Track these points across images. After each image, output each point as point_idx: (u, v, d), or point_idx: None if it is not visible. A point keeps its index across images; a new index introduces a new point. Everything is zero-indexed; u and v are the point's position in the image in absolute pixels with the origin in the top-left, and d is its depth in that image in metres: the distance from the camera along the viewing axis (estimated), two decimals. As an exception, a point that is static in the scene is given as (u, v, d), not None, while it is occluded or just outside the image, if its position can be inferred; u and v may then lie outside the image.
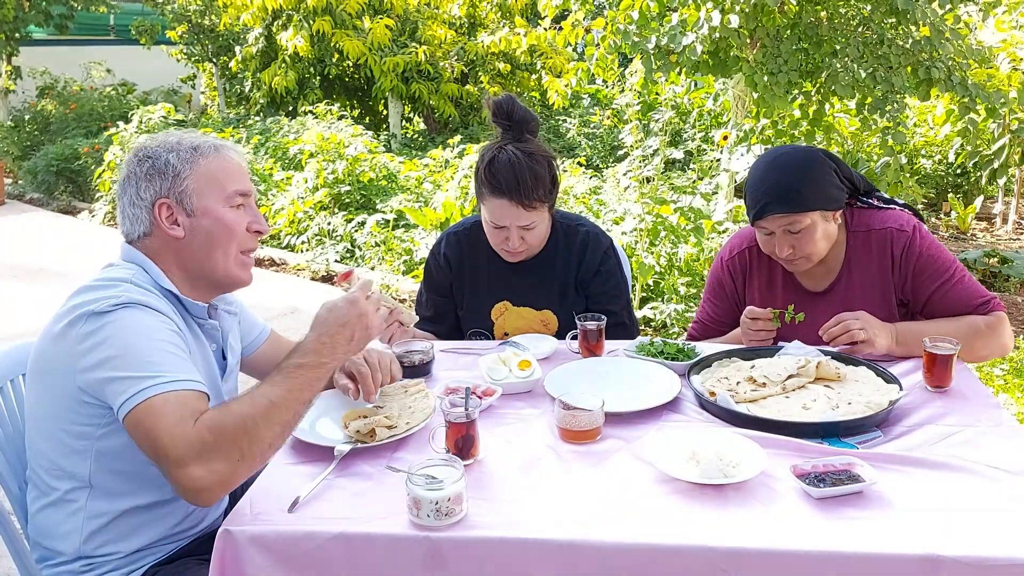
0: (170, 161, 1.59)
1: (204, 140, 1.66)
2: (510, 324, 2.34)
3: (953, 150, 6.91)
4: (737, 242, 2.34)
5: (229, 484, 1.38)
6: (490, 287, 2.35)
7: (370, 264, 6.13)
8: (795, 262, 2.12)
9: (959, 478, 1.47)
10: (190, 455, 1.34)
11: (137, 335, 1.44)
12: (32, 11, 11.20)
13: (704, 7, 4.69)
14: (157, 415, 1.36)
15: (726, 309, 2.34)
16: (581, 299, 2.34)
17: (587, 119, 9.90)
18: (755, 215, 2.09)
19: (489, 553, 1.34)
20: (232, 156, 1.67)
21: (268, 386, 1.45)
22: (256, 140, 8.51)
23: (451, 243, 2.40)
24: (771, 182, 2.06)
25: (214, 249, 1.62)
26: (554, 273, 2.33)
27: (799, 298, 2.20)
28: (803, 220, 2.03)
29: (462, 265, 2.38)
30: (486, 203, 2.18)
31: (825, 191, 2.06)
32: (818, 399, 1.76)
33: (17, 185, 10.08)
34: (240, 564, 1.36)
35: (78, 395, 1.46)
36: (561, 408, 1.65)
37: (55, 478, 1.55)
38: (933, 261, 2.10)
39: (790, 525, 1.35)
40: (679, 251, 4.94)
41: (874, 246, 2.15)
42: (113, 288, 1.50)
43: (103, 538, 1.56)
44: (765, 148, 5.41)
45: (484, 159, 2.18)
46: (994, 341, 2.06)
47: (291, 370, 1.48)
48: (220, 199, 1.62)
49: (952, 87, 4.59)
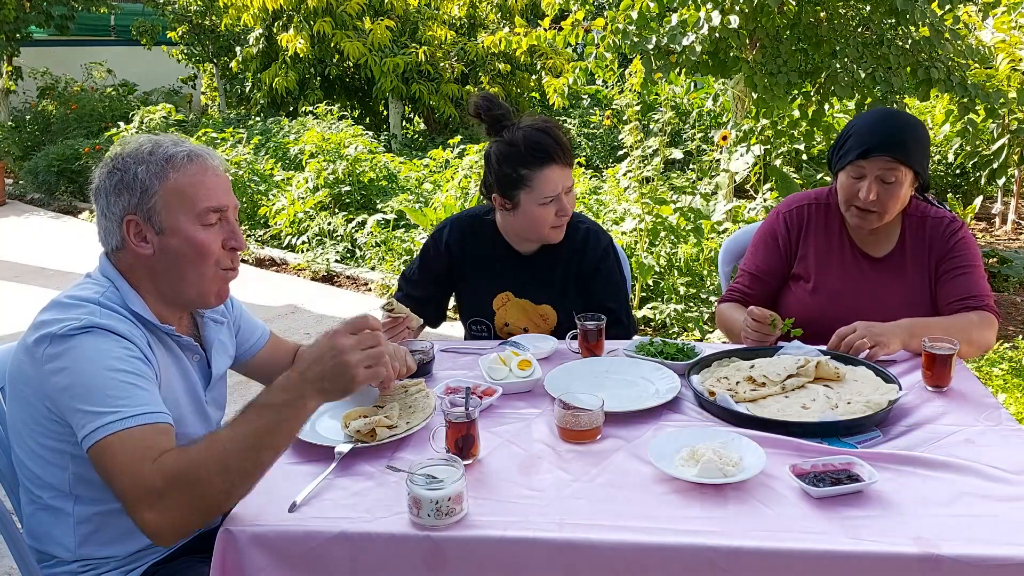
0: (138, 175, 1.50)
1: (180, 148, 1.55)
2: (511, 315, 2.35)
3: (952, 150, 6.91)
4: (798, 198, 2.40)
5: (183, 531, 1.35)
6: (493, 277, 2.36)
7: (370, 264, 6.14)
8: (870, 215, 2.17)
9: (959, 478, 1.47)
10: (142, 499, 1.32)
11: (96, 364, 1.40)
12: (33, 11, 11.19)
13: (704, 7, 4.69)
14: (113, 455, 1.34)
15: (776, 260, 2.36)
16: (581, 297, 2.34)
17: (587, 119, 9.91)
18: (858, 154, 2.12)
19: (489, 553, 1.34)
20: (209, 165, 1.56)
21: (227, 431, 1.37)
22: (256, 140, 8.51)
23: (455, 230, 2.39)
24: (885, 128, 2.14)
25: (185, 270, 1.54)
26: (555, 268, 2.34)
27: (857, 262, 2.27)
28: (899, 172, 2.11)
29: (464, 253, 2.38)
30: (536, 178, 2.16)
31: (924, 156, 2.16)
32: (817, 399, 1.76)
33: (18, 185, 10.08)
34: (240, 563, 1.36)
35: (48, 413, 1.45)
36: (561, 408, 1.66)
37: (37, 487, 1.54)
38: (968, 247, 2.23)
39: (789, 525, 1.35)
40: (679, 251, 4.94)
41: (928, 230, 2.25)
42: (77, 309, 1.46)
43: (97, 541, 1.55)
44: (764, 148, 5.42)
45: (508, 144, 2.18)
46: (983, 336, 2.11)
47: (251, 411, 1.37)
48: (191, 217, 1.52)
49: (951, 87, 4.59)
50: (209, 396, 1.72)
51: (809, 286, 2.29)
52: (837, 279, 2.27)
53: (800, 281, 2.32)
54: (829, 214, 2.31)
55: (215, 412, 1.75)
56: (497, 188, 2.21)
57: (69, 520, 1.54)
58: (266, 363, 1.95)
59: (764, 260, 2.37)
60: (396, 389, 1.82)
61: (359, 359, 1.36)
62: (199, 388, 1.68)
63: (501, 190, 2.21)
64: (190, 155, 1.54)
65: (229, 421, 1.39)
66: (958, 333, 1.94)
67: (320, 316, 5.30)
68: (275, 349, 1.96)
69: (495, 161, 2.20)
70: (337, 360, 1.35)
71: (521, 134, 2.18)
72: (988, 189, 7.12)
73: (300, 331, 4.97)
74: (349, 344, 1.36)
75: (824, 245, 2.31)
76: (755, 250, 2.40)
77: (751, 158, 5.34)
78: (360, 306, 5.43)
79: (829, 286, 2.26)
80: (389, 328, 2.15)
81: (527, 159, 2.16)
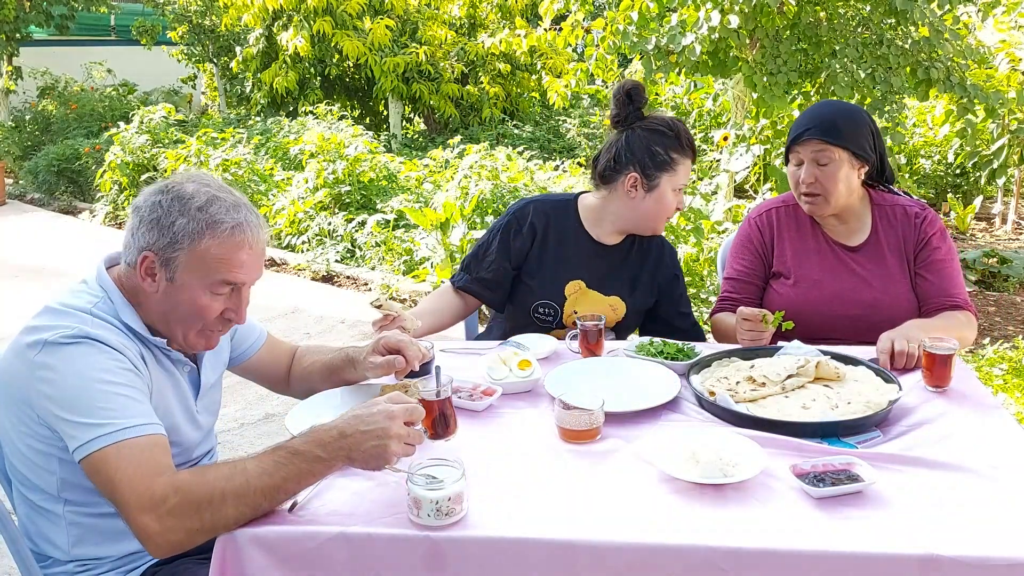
0: (176, 225, 1.48)
1: (230, 217, 1.51)
2: (580, 304, 2.37)
3: (952, 150, 6.91)
4: (766, 204, 2.48)
5: (180, 546, 1.36)
6: (570, 263, 2.38)
7: (370, 264, 6.14)
8: (817, 199, 2.24)
9: (958, 478, 1.47)
10: (147, 509, 1.32)
11: (86, 377, 1.40)
12: (33, 11, 11.20)
13: (704, 8, 4.69)
14: (115, 466, 1.34)
15: (756, 262, 2.41)
16: (650, 296, 2.43)
17: (587, 119, 9.91)
18: (791, 140, 2.27)
19: (489, 553, 1.34)
20: (248, 241, 1.53)
21: (253, 463, 1.38)
22: (257, 140, 8.51)
23: (539, 213, 2.40)
24: (815, 113, 2.28)
25: (176, 320, 1.55)
26: (632, 264, 2.42)
27: (833, 252, 2.32)
28: (832, 153, 2.20)
29: (547, 236, 2.39)
30: (681, 165, 2.28)
31: (859, 138, 2.22)
32: (817, 399, 1.77)
33: (18, 185, 10.08)
34: (240, 564, 1.36)
35: (36, 418, 1.45)
36: (561, 408, 1.66)
37: (28, 489, 1.54)
38: (944, 240, 2.28)
39: (789, 525, 1.35)
40: (679, 251, 4.94)
41: (899, 216, 2.32)
42: (70, 317, 1.47)
43: (91, 542, 1.55)
44: (764, 148, 5.42)
45: (666, 126, 2.27)
46: (968, 336, 2.18)
47: (282, 453, 1.39)
48: (205, 283, 1.51)
49: (951, 87, 4.59)
50: (200, 405, 1.72)
51: (790, 281, 2.34)
52: (816, 269, 2.32)
53: (781, 278, 2.37)
54: (798, 213, 2.38)
55: (207, 419, 1.75)
56: (639, 168, 2.27)
57: (61, 522, 1.54)
58: (263, 364, 1.95)
59: (744, 264, 2.42)
60: (396, 389, 1.82)
61: (397, 450, 1.40)
62: (190, 399, 1.67)
63: (644, 171, 2.27)
64: (236, 227, 1.51)
65: (257, 455, 1.40)
66: (953, 334, 1.97)
67: (320, 316, 5.30)
68: (272, 350, 1.96)
69: (645, 140, 2.27)
70: (382, 443, 1.39)
71: (673, 121, 2.29)
72: (988, 189, 7.12)
73: (300, 331, 4.97)
74: (399, 434, 1.40)
75: (798, 242, 2.37)
76: (734, 257, 2.46)
77: (751, 158, 5.34)
78: (360, 306, 5.43)
79: (809, 277, 2.32)
80: (381, 326, 2.14)
81: (679, 145, 2.27)
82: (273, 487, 1.37)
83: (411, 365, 1.77)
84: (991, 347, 3.98)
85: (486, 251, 2.42)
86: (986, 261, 5.53)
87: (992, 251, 5.72)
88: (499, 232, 2.41)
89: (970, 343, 2.22)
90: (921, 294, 2.26)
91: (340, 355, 1.89)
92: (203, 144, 7.84)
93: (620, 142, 2.30)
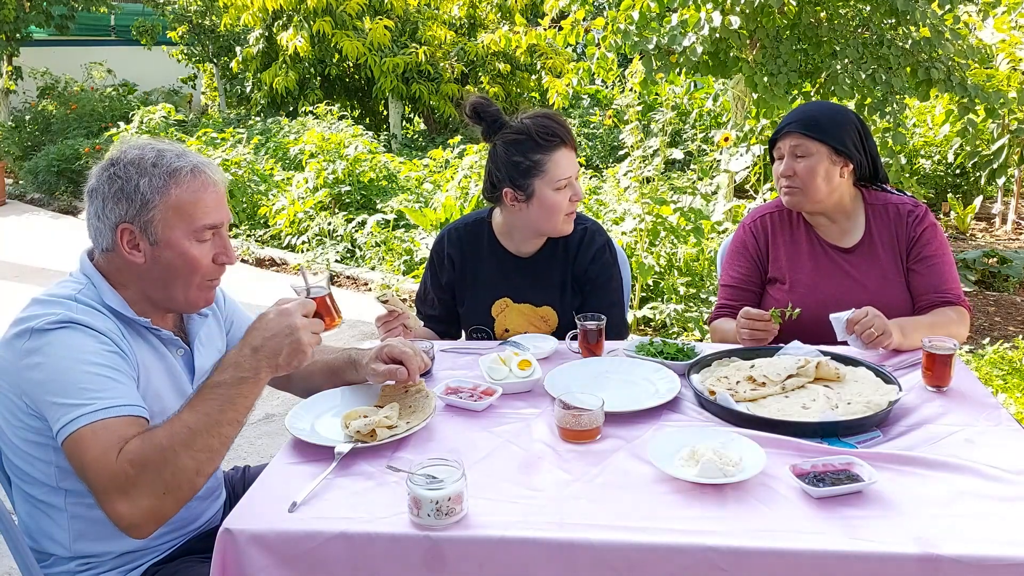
0: (140, 187, 1.51)
1: (183, 162, 1.55)
2: (511, 321, 2.35)
3: (952, 150, 6.91)
4: (759, 209, 2.48)
5: (159, 517, 1.37)
6: (491, 283, 2.36)
7: (370, 264, 6.14)
8: (796, 192, 2.25)
9: (959, 478, 1.47)
10: (113, 490, 1.34)
11: (71, 359, 1.42)
12: (33, 11, 11.20)
13: (704, 8, 4.70)
14: (85, 447, 1.36)
15: (751, 268, 2.41)
16: (579, 296, 2.35)
17: (587, 119, 9.90)
18: (774, 135, 2.30)
19: (489, 553, 1.34)
20: (210, 180, 1.57)
21: (187, 411, 1.41)
22: (256, 140, 8.51)
23: (453, 241, 2.39)
24: (798, 110, 2.31)
25: (174, 280, 1.57)
26: (554, 269, 2.34)
27: (827, 254, 2.32)
28: (811, 148, 2.21)
29: (464, 262, 2.38)
30: (550, 162, 2.17)
31: (841, 135, 2.22)
32: (817, 399, 1.77)
33: (18, 185, 10.08)
34: (240, 564, 1.36)
35: (26, 407, 1.46)
36: (561, 408, 1.66)
37: (27, 484, 1.55)
38: (936, 235, 2.28)
39: (789, 525, 1.35)
40: (679, 251, 4.95)
41: (891, 215, 2.31)
42: (56, 305, 1.49)
43: (93, 537, 1.55)
44: (764, 148, 5.42)
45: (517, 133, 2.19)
46: (960, 333, 2.17)
47: (208, 390, 1.43)
48: (187, 232, 1.54)
49: (952, 87, 4.59)
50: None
51: (785, 286, 2.34)
52: (810, 272, 2.32)
53: (776, 283, 2.37)
54: (792, 218, 2.38)
55: None
56: (509, 181, 2.20)
57: (63, 516, 1.54)
58: None
59: (740, 271, 2.42)
60: (396, 389, 1.82)
61: (310, 340, 1.49)
62: (186, 382, 1.67)
63: (513, 182, 2.20)
64: (193, 170, 1.55)
65: (185, 402, 1.44)
66: (941, 330, 1.99)
67: (320, 316, 5.29)
68: None
69: (504, 153, 2.20)
70: (293, 338, 1.47)
71: (528, 122, 2.20)
72: (988, 189, 7.12)
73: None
74: (302, 324, 1.48)
75: (792, 246, 2.37)
76: (730, 264, 2.45)
77: (751, 158, 5.34)
78: (360, 306, 5.43)
79: (804, 280, 2.31)
80: (385, 321, 2.15)
81: (539, 144, 2.17)
82: (215, 423, 1.40)
83: (412, 377, 1.77)
84: (991, 347, 3.98)
85: (425, 291, 2.45)
86: (986, 261, 5.53)
87: (992, 251, 5.72)
88: (428, 270, 2.45)
89: (962, 339, 2.22)
90: (914, 290, 2.26)
91: (342, 356, 1.89)
92: (203, 144, 7.84)
93: (489, 161, 2.27)
